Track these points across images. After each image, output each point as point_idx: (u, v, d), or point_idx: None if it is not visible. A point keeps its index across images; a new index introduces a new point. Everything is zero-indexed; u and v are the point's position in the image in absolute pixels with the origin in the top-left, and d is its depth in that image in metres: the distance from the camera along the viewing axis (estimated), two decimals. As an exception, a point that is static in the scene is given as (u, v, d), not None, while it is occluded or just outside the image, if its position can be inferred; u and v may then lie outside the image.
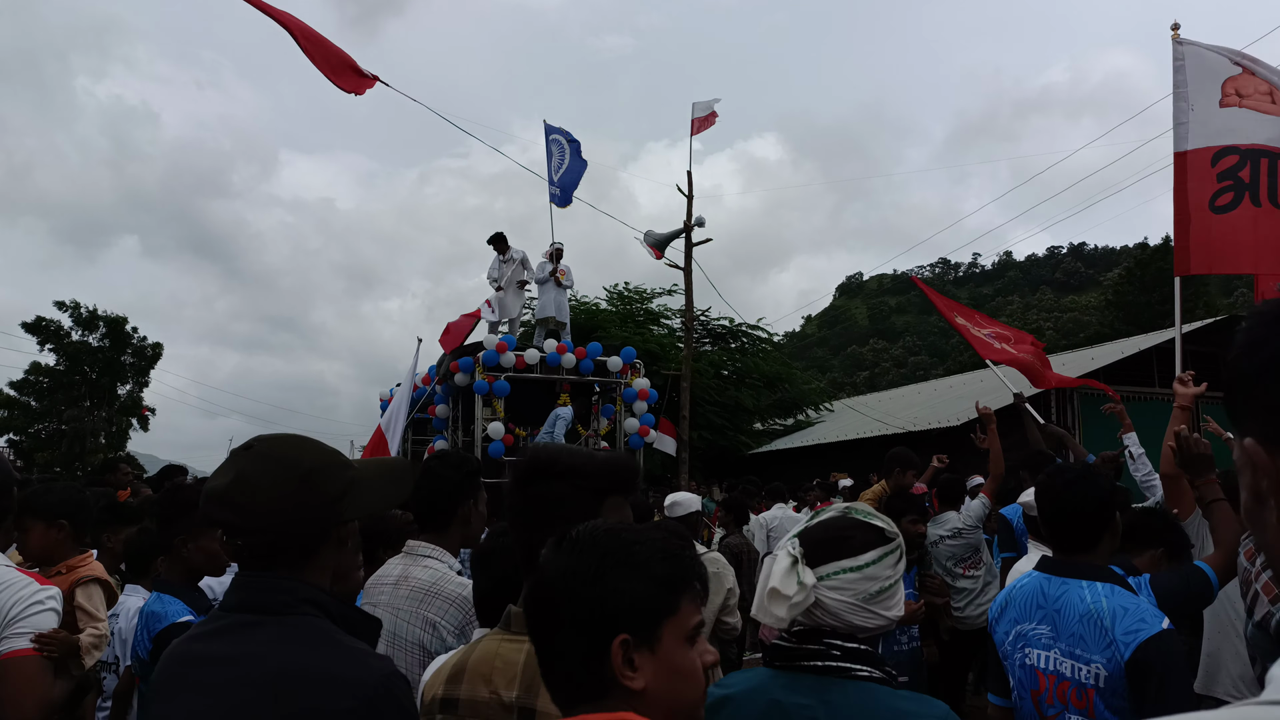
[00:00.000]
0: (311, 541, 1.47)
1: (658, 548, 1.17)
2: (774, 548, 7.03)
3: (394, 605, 2.47)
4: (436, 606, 2.43)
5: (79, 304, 36.89)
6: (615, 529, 1.19)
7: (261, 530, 1.43)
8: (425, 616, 2.42)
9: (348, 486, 1.51)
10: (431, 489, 2.63)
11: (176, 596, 3.00)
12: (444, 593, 2.44)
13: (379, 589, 2.57)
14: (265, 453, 1.47)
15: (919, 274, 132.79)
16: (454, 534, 2.63)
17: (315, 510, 1.46)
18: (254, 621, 1.41)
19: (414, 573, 2.52)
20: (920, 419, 18.40)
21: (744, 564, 6.39)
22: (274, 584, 1.43)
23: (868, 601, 1.61)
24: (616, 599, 1.12)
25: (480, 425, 11.55)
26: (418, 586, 2.47)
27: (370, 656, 1.42)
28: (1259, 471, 0.72)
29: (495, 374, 11.58)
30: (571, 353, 12.02)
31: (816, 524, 1.72)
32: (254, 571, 1.47)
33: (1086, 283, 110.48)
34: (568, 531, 1.21)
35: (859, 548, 1.64)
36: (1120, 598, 2.31)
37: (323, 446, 1.55)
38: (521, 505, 1.61)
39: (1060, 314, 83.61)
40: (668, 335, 23.58)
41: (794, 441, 24.36)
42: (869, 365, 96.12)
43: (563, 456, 1.63)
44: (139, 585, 3.53)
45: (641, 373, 12.81)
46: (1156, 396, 17.16)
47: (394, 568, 2.60)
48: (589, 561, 1.14)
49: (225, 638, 1.42)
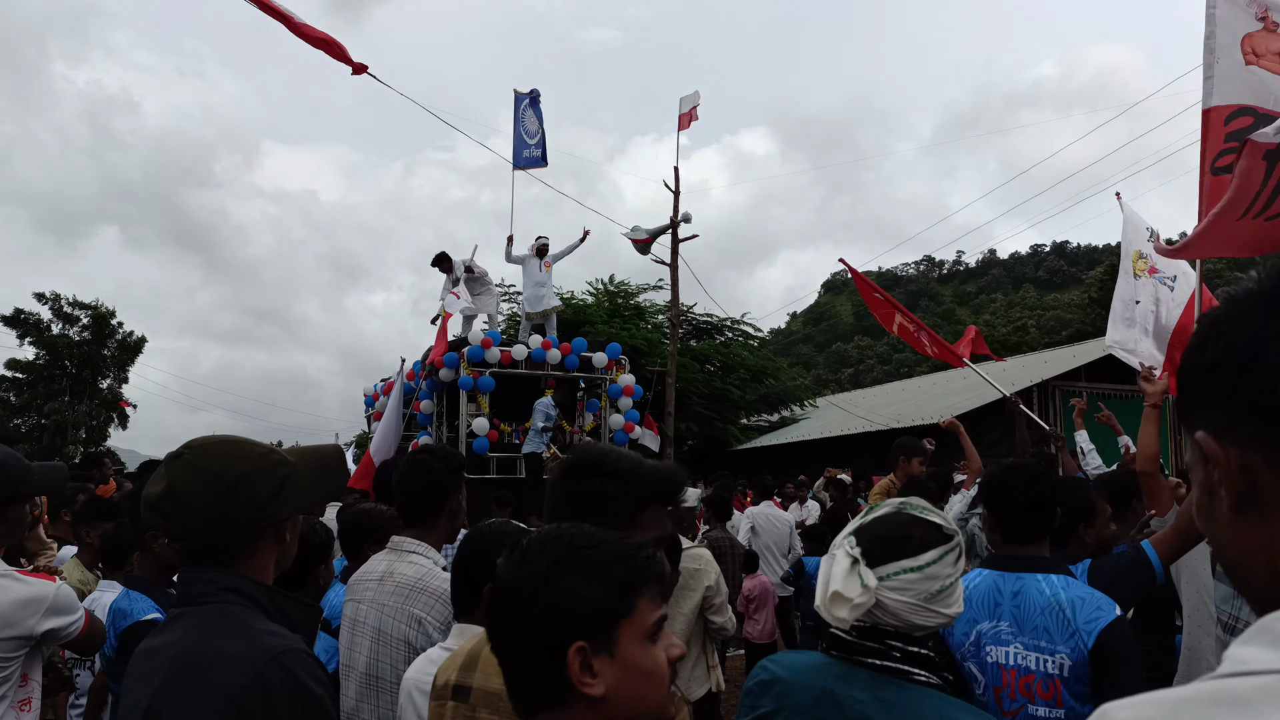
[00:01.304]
0: (243, 540, 1.54)
1: (610, 550, 1.16)
2: (757, 544, 6.99)
3: (379, 601, 2.45)
4: (422, 602, 2.40)
5: (59, 296, 36.55)
6: (568, 534, 1.17)
7: (192, 535, 1.53)
8: (411, 612, 2.39)
9: (279, 487, 1.56)
10: (421, 483, 2.60)
11: (146, 593, 3.01)
12: (429, 588, 2.41)
13: (363, 585, 2.55)
14: (193, 462, 1.53)
15: (905, 271, 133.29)
16: (440, 529, 2.61)
17: (243, 516, 1.52)
18: (183, 614, 1.53)
19: (399, 568, 2.49)
20: (905, 415, 18.49)
21: (726, 559, 6.39)
22: (199, 576, 1.53)
23: (928, 601, 1.59)
24: (569, 605, 1.10)
25: (465, 421, 11.51)
26: (403, 582, 2.44)
27: (271, 636, 1.46)
28: (1210, 463, 0.75)
29: (480, 369, 11.55)
30: (557, 348, 12.00)
31: (873, 520, 1.69)
32: (189, 567, 1.56)
33: (1069, 280, 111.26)
34: (518, 540, 1.19)
35: (918, 547, 1.62)
36: (1076, 588, 2.35)
37: (253, 450, 1.58)
38: (562, 500, 1.60)
39: (1043, 311, 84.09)
40: (653, 331, 23.59)
41: (779, 438, 24.43)
42: (854, 362, 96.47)
43: (612, 457, 1.63)
44: (114, 580, 3.49)
45: (627, 368, 12.81)
46: (1137, 394, 17.32)
47: (379, 563, 2.57)
48: (540, 568, 1.13)
49: (164, 631, 1.53)
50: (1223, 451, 0.73)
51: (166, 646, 1.46)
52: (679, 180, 15.73)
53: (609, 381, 12.49)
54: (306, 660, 1.46)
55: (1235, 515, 0.74)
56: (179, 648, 1.44)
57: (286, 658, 1.42)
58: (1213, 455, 0.74)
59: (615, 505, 1.55)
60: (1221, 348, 0.74)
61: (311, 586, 2.65)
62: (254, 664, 1.39)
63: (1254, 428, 0.71)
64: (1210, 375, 0.75)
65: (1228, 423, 0.73)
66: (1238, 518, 0.74)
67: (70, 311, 36.59)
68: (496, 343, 11.82)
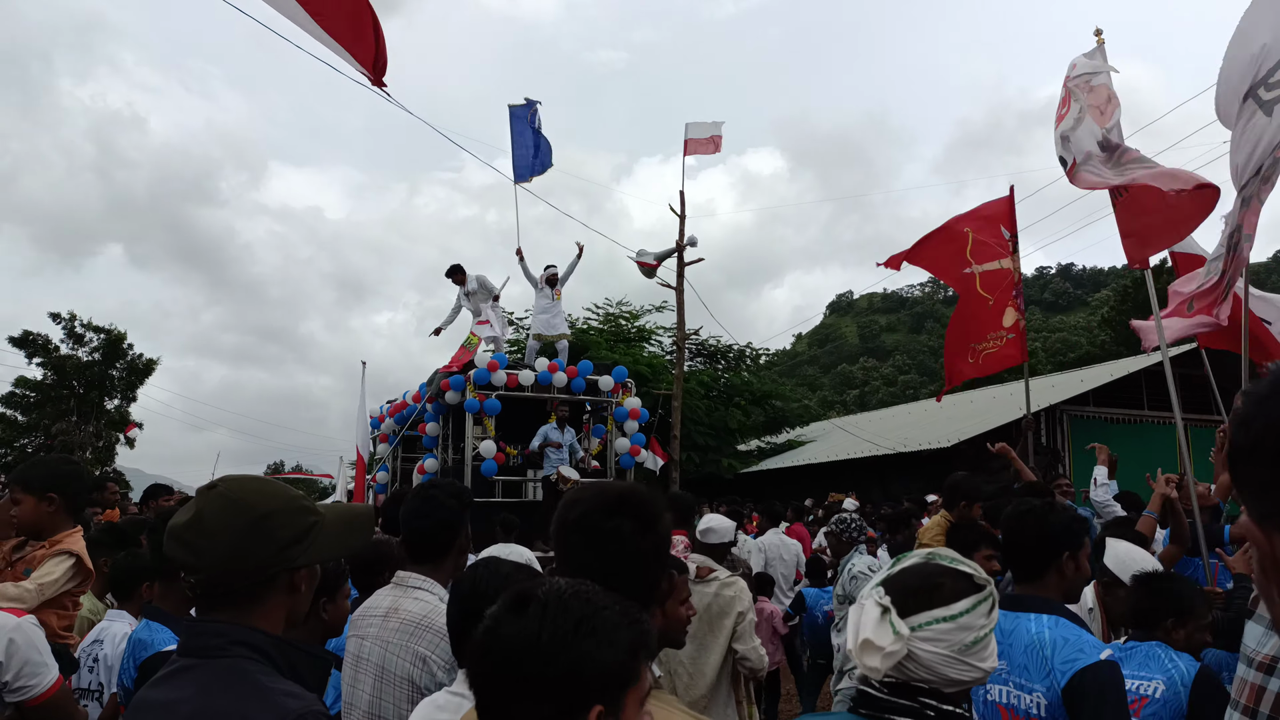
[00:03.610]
0: (259, 585, 1.51)
1: (620, 612, 1.15)
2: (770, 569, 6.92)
3: (383, 638, 2.43)
4: (427, 640, 2.38)
5: (74, 316, 36.70)
6: (586, 593, 1.16)
7: (211, 569, 1.48)
8: (415, 650, 2.37)
9: (305, 532, 1.55)
10: (431, 519, 2.60)
11: (166, 625, 2.96)
12: (435, 626, 2.39)
13: (367, 621, 2.53)
14: (225, 493, 1.52)
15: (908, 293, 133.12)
16: (448, 566, 2.60)
17: (264, 554, 1.50)
18: (188, 666, 1.47)
19: (404, 604, 2.47)
20: (911, 439, 18.42)
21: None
22: (209, 628, 1.49)
23: (962, 653, 1.57)
24: (590, 668, 1.08)
25: (470, 444, 11.51)
26: (408, 619, 2.43)
27: (288, 697, 1.43)
28: (1260, 551, 0.72)
29: (486, 392, 11.55)
30: (563, 371, 12.01)
31: (901, 570, 1.68)
32: (199, 617, 1.53)
33: (1074, 303, 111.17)
34: (525, 591, 1.17)
35: (950, 596, 1.60)
36: (1063, 629, 2.34)
37: (285, 491, 1.58)
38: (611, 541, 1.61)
39: (1049, 334, 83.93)
40: (658, 356, 23.61)
41: (784, 461, 24.34)
42: (859, 384, 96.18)
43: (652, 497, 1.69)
44: (124, 610, 3.48)
45: (633, 392, 12.80)
46: (1145, 419, 17.22)
47: (383, 599, 2.56)
48: (563, 626, 1.10)
49: (166, 684, 1.47)
50: (1266, 540, 0.71)
51: (176, 704, 1.42)
52: (684, 204, 15.82)
53: (615, 405, 12.48)
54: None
55: None
56: (192, 707, 1.40)
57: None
58: (1256, 544, 0.72)
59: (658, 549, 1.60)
60: (1255, 433, 0.71)
61: (314, 622, 2.62)
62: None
63: None
64: (1248, 461, 0.72)
65: (1269, 510, 0.71)
66: None
67: (82, 333, 36.70)
68: (503, 366, 11.85)
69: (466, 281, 12.81)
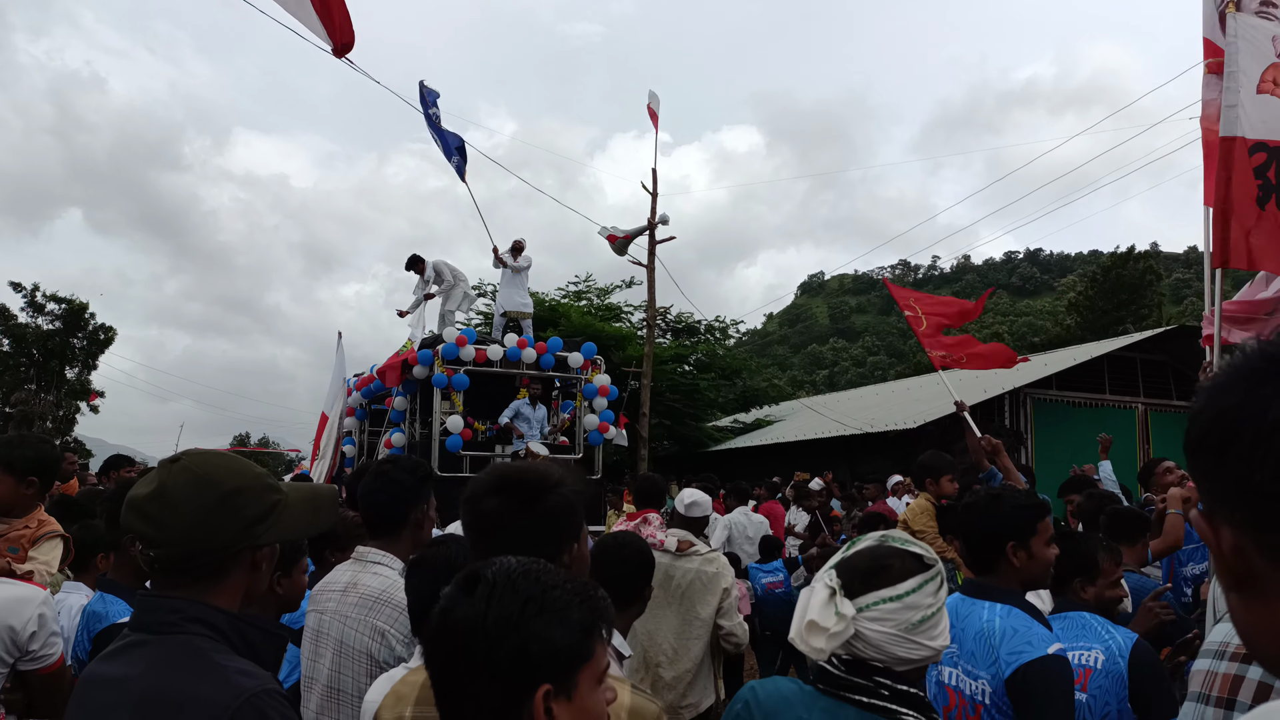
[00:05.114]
0: (222, 561, 1.49)
1: (574, 590, 1.14)
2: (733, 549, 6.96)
3: (341, 613, 2.42)
4: (386, 614, 2.37)
5: (37, 286, 36.06)
6: (534, 571, 1.15)
7: (174, 544, 1.45)
8: (374, 625, 2.37)
9: (269, 510, 1.53)
10: (385, 493, 2.59)
11: (121, 597, 2.94)
12: (393, 600, 2.38)
13: (326, 595, 2.52)
14: (190, 467, 1.50)
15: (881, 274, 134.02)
16: (405, 540, 2.58)
17: (230, 530, 1.48)
18: (141, 641, 1.44)
19: (363, 579, 2.46)
20: (878, 420, 18.60)
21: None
22: (164, 603, 1.46)
23: (909, 631, 1.58)
24: (540, 647, 1.08)
25: (438, 419, 11.46)
26: (367, 594, 2.42)
27: (241, 675, 1.40)
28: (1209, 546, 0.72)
29: (455, 367, 11.49)
30: (532, 348, 11.96)
31: (853, 553, 1.69)
32: (154, 591, 1.50)
33: (1041, 288, 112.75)
34: (475, 572, 1.16)
35: (897, 576, 1.61)
36: (1015, 619, 2.34)
37: (250, 468, 1.56)
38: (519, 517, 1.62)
39: (1016, 318, 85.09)
40: (629, 328, 23.60)
41: (753, 440, 24.51)
42: (829, 364, 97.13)
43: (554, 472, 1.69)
44: (80, 582, 3.43)
45: (603, 368, 12.79)
46: (1107, 403, 17.53)
47: (342, 574, 2.54)
48: (510, 608, 1.10)
49: (118, 659, 1.44)
50: (1214, 533, 0.70)
51: (125, 680, 1.39)
52: (657, 181, 15.75)
53: (584, 381, 12.46)
54: (279, 702, 1.41)
55: (1239, 596, 0.70)
56: (142, 685, 1.37)
57: (260, 699, 1.37)
58: (1204, 538, 0.71)
59: (572, 519, 1.60)
60: (1202, 425, 0.71)
61: (270, 596, 2.57)
62: (227, 708, 1.33)
63: (1239, 509, 0.67)
64: (1196, 453, 0.71)
65: (1216, 503, 0.70)
66: (1241, 599, 0.70)
67: (43, 303, 36.05)
68: (472, 340, 11.79)
69: (425, 270, 12.74)
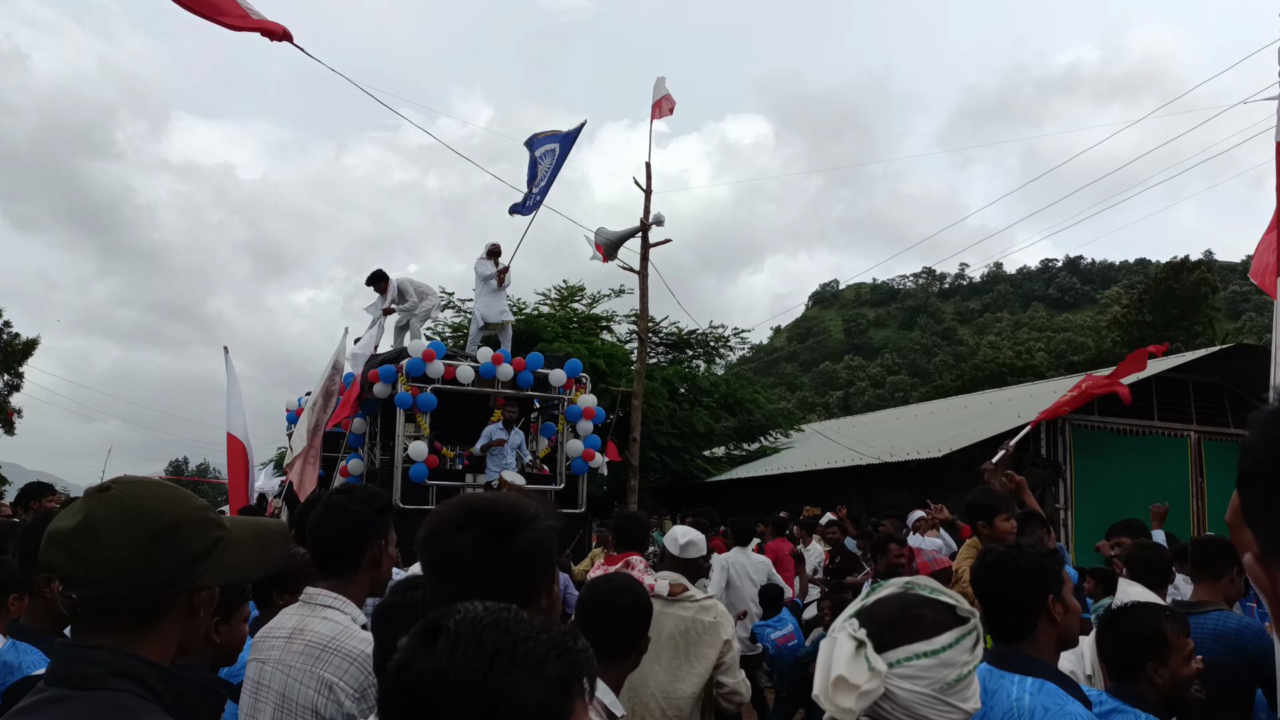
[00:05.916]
0: (155, 606, 1.46)
1: (548, 641, 1.13)
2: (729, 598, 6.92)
3: (285, 662, 2.40)
4: (334, 665, 2.35)
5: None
6: (504, 620, 1.14)
7: (101, 584, 1.42)
8: (321, 676, 2.34)
9: (210, 548, 1.51)
10: (337, 527, 2.56)
11: (36, 645, 2.90)
12: (344, 649, 2.37)
13: (269, 643, 2.50)
14: (121, 497, 1.46)
15: (902, 285, 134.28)
16: (361, 580, 2.57)
17: (165, 570, 1.45)
18: (59, 697, 1.40)
19: (311, 625, 2.44)
20: (898, 448, 18.60)
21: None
22: (87, 654, 1.42)
23: (944, 692, 1.57)
24: (509, 707, 1.06)
25: (401, 443, 11.37)
26: (314, 641, 2.40)
27: None
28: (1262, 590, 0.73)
29: (421, 385, 11.40)
30: (509, 363, 11.86)
31: (877, 601, 1.68)
32: (74, 640, 1.46)
33: (1081, 300, 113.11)
34: (436, 620, 1.15)
35: (931, 629, 1.60)
36: (1046, 696, 2.30)
37: (190, 499, 1.54)
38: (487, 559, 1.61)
39: (1053, 334, 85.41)
40: (617, 345, 23.61)
41: (758, 469, 24.48)
42: (843, 384, 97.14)
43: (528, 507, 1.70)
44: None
45: (588, 388, 12.74)
46: (1155, 430, 17.56)
47: (288, 619, 2.52)
48: (475, 661, 1.08)
49: (30, 716, 1.40)
50: (1267, 577, 0.72)
51: None
52: (650, 177, 15.78)
53: (568, 402, 12.40)
54: None
55: None
56: None
57: None
58: (1256, 581, 0.73)
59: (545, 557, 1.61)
60: (1254, 458, 0.72)
61: (204, 645, 2.56)
62: None
63: None
64: (1249, 488, 0.73)
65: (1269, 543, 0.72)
66: None
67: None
68: (440, 355, 11.66)
69: (388, 289, 12.89)
